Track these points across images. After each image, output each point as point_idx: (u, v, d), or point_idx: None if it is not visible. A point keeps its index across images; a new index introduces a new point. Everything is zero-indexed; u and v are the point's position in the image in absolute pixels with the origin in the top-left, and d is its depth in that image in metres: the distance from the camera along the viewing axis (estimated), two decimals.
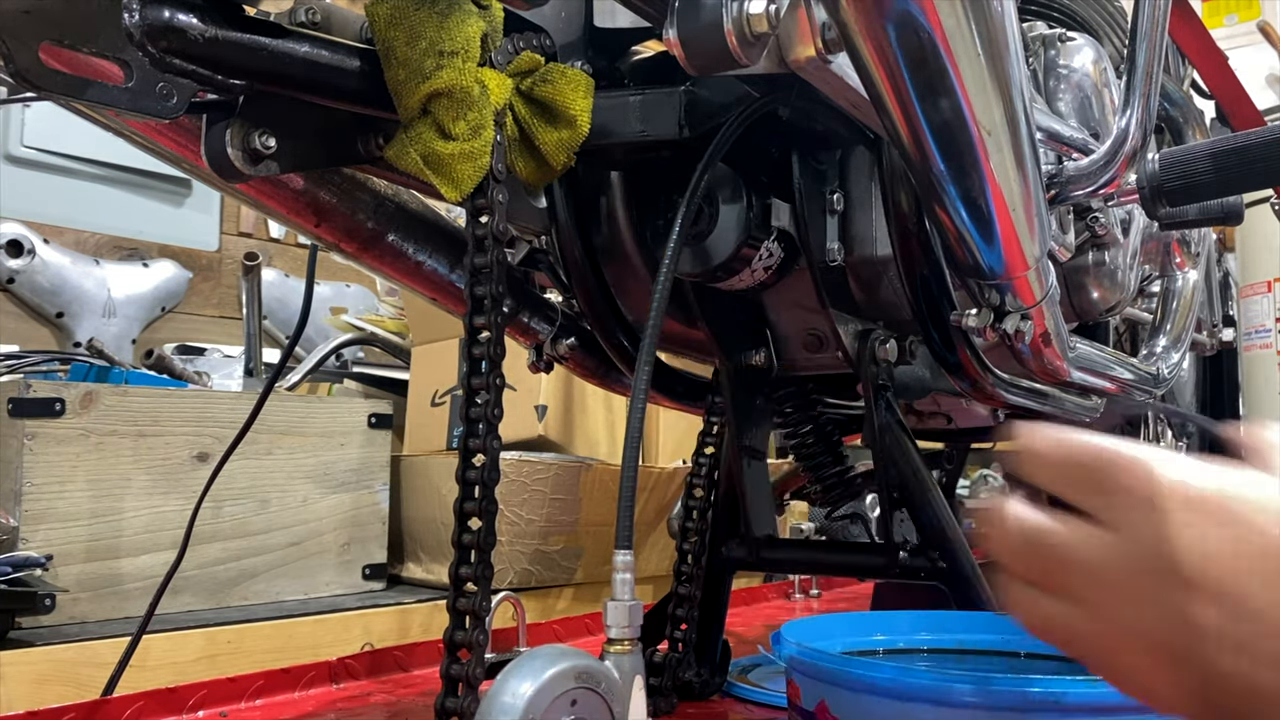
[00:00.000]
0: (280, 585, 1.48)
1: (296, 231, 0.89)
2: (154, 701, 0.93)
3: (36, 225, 2.40)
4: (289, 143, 0.65)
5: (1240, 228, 1.61)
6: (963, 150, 0.62)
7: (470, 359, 0.69)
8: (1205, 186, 0.83)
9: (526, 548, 1.58)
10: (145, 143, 0.73)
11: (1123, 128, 0.81)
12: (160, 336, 2.52)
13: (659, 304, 0.63)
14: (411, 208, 0.86)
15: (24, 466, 1.26)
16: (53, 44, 0.52)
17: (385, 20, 0.65)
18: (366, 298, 2.77)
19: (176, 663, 1.25)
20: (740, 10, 0.57)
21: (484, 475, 0.67)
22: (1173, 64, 1.38)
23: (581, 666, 0.51)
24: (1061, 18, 1.09)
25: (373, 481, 1.60)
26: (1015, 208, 0.68)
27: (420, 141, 0.67)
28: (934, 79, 0.56)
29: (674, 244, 0.65)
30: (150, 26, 0.56)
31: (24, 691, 1.12)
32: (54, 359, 1.89)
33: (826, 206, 0.84)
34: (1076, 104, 0.98)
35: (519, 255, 0.91)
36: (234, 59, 0.60)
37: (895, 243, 0.81)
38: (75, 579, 1.28)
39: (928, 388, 0.96)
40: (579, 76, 0.74)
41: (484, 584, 0.66)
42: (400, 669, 1.13)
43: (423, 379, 1.88)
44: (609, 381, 1.03)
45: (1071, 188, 0.85)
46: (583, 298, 0.87)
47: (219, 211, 2.79)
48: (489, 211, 0.69)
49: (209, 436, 1.41)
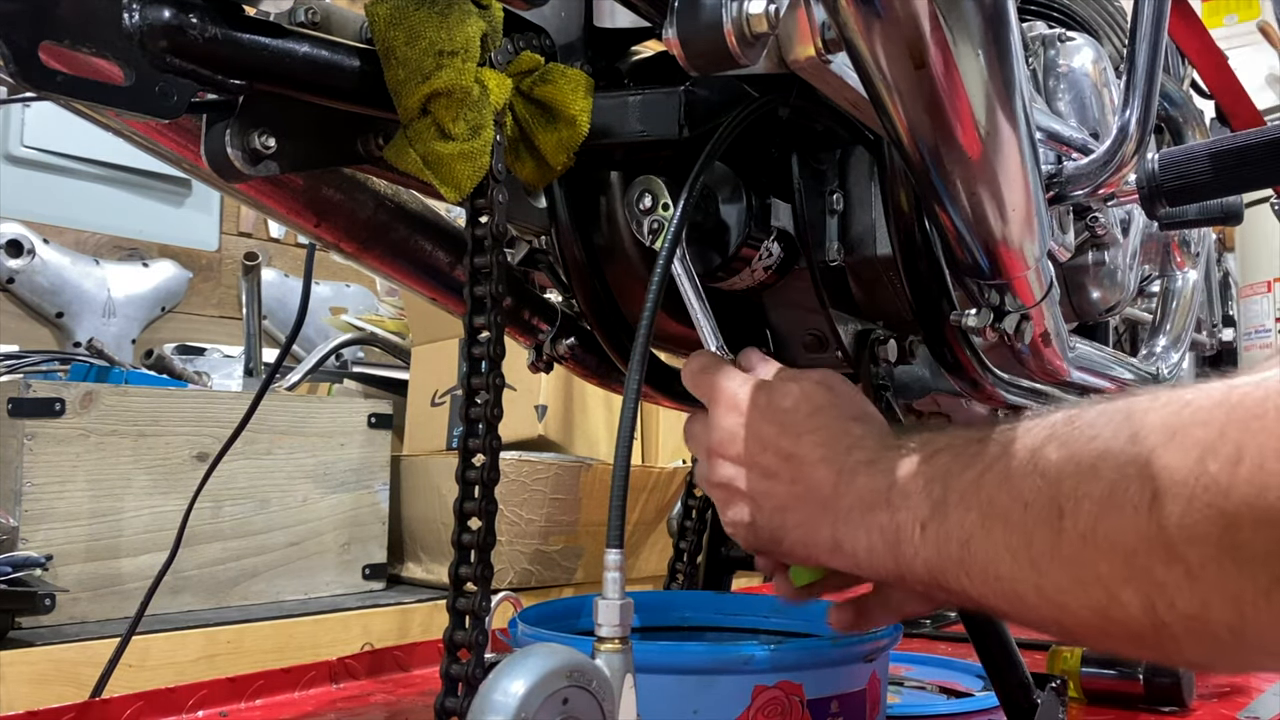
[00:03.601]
0: (280, 585, 1.48)
1: (296, 231, 0.89)
2: (153, 702, 0.93)
3: (36, 225, 2.40)
4: (289, 143, 0.65)
5: (1240, 228, 1.61)
6: (962, 150, 0.62)
7: (470, 359, 0.69)
8: (1205, 186, 0.83)
9: (526, 548, 1.58)
10: (145, 143, 0.73)
11: (1122, 127, 0.81)
12: (160, 336, 2.52)
13: (653, 303, 0.63)
14: (411, 208, 0.86)
15: (24, 466, 1.26)
16: (53, 44, 0.52)
17: (385, 20, 0.65)
18: (366, 298, 2.77)
19: (176, 663, 1.25)
20: (740, 10, 0.57)
21: (484, 475, 0.67)
22: (1173, 64, 1.38)
23: (573, 664, 0.51)
24: (1061, 17, 1.09)
25: (373, 481, 1.60)
26: (1015, 207, 0.68)
27: (420, 141, 0.67)
28: (934, 79, 0.56)
29: (670, 243, 0.65)
30: (150, 26, 0.56)
31: (24, 691, 1.12)
32: (54, 359, 1.89)
33: (826, 206, 0.84)
34: (1076, 104, 0.99)
35: (519, 255, 0.91)
36: (234, 59, 0.60)
37: (895, 243, 0.81)
38: (75, 579, 1.28)
39: (928, 388, 0.96)
40: (579, 76, 0.74)
41: (484, 584, 0.66)
42: (400, 669, 1.13)
43: (423, 379, 1.88)
44: (609, 381, 1.03)
45: (1071, 188, 0.85)
46: (583, 298, 0.87)
47: (219, 211, 2.78)
48: (489, 211, 0.69)
49: (209, 436, 1.41)
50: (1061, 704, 0.83)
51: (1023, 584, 0.49)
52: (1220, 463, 0.40)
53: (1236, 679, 1.11)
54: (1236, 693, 1.07)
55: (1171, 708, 0.99)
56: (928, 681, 1.09)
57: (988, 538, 0.50)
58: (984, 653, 0.80)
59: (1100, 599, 0.46)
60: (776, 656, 0.68)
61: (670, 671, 0.67)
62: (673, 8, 0.59)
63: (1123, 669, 1.01)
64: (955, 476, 0.53)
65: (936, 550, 0.53)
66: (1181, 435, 0.42)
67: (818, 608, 0.87)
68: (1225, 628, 0.42)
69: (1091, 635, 0.49)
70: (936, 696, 1.05)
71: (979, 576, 0.52)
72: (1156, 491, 0.42)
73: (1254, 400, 0.40)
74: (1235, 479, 0.39)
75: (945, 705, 0.99)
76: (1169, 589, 0.42)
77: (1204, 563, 0.41)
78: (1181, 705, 0.99)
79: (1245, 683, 1.11)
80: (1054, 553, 0.47)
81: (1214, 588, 0.41)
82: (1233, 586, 0.40)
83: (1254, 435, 0.39)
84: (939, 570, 0.54)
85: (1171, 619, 0.43)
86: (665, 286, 0.68)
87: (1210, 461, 0.40)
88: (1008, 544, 0.49)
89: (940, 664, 1.14)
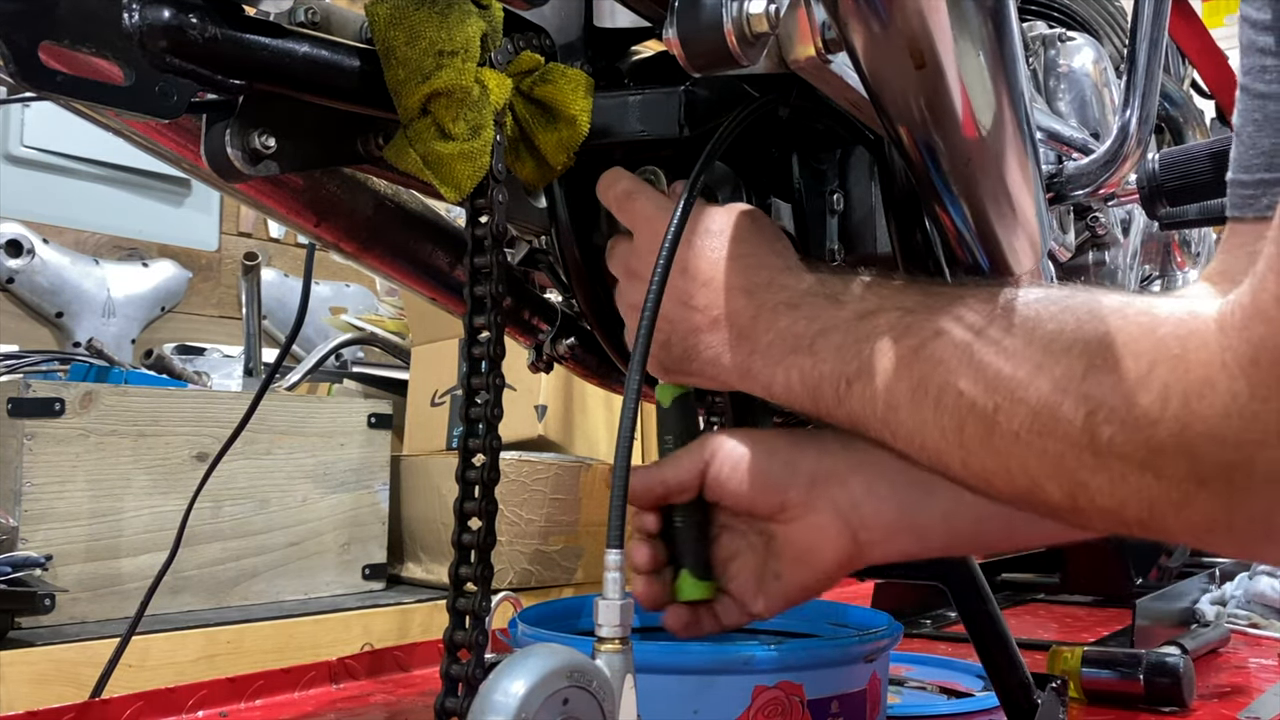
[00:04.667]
0: (280, 585, 1.48)
1: (296, 231, 0.89)
2: (153, 701, 0.93)
3: (36, 225, 2.40)
4: (289, 143, 0.65)
5: None
6: (963, 150, 0.62)
7: (470, 359, 0.69)
8: (1205, 186, 0.83)
9: (526, 548, 1.58)
10: (145, 143, 0.73)
11: (1123, 127, 0.82)
12: (160, 336, 2.52)
13: (654, 302, 0.63)
14: (411, 208, 0.86)
15: (24, 466, 1.26)
16: (53, 44, 0.52)
17: (385, 20, 0.65)
18: (366, 298, 2.77)
19: (176, 663, 1.25)
20: (740, 10, 0.57)
21: (484, 475, 0.67)
22: (1173, 64, 1.38)
23: (574, 665, 0.51)
24: (1061, 17, 1.09)
25: (372, 481, 1.60)
26: (1015, 207, 0.68)
27: (420, 141, 0.67)
28: (934, 79, 0.56)
29: (670, 243, 0.65)
30: (150, 26, 0.56)
31: (24, 691, 1.12)
32: (53, 359, 1.89)
33: (827, 206, 0.84)
34: (1076, 104, 0.99)
35: (519, 255, 0.91)
36: (234, 59, 0.60)
37: (895, 242, 0.81)
38: (75, 579, 1.28)
39: None
40: (579, 76, 0.74)
41: (484, 584, 0.66)
42: (400, 669, 1.13)
43: (422, 379, 1.88)
44: (609, 381, 1.03)
45: (1072, 187, 0.85)
46: (583, 298, 0.87)
47: (219, 211, 2.79)
48: (489, 211, 0.69)
49: (209, 436, 1.41)
50: (1062, 704, 0.83)
51: (949, 457, 0.53)
52: (1151, 397, 0.45)
53: (1237, 679, 1.11)
54: (1237, 693, 1.07)
55: (1171, 708, 0.99)
56: (928, 681, 1.09)
57: (917, 411, 0.54)
58: (984, 653, 0.80)
59: (1025, 485, 0.50)
60: (777, 657, 0.68)
61: (670, 672, 0.67)
62: (673, 7, 0.59)
63: (1123, 669, 1.01)
64: (890, 342, 0.56)
65: (862, 407, 0.57)
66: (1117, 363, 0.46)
67: (818, 608, 0.87)
68: (1136, 521, 0.48)
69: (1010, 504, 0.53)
70: (937, 697, 1.05)
71: (904, 439, 0.55)
72: (1090, 412, 0.47)
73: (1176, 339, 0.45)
74: (1163, 416, 0.44)
75: (945, 705, 0.99)
76: (1091, 489, 0.48)
77: (1126, 474, 0.46)
78: (1182, 705, 0.99)
79: (1246, 683, 1.11)
80: (984, 443, 0.51)
81: (1133, 493, 0.46)
82: (1149, 493, 0.46)
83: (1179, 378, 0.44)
84: (861, 423, 0.57)
85: (1090, 508, 0.49)
86: (665, 286, 0.67)
87: (1142, 395, 0.45)
88: (938, 423, 0.53)
89: (940, 664, 1.14)
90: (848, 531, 0.67)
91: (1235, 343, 0.43)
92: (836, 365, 0.58)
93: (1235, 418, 0.42)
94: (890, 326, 0.56)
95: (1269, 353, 0.41)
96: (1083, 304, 0.50)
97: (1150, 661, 1.00)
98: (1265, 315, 0.41)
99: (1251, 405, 0.42)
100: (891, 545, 0.68)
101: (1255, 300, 0.42)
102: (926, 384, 0.53)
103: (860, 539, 0.67)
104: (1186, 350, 0.44)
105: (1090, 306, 0.49)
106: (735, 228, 0.67)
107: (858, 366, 0.57)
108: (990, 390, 0.51)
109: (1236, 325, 0.43)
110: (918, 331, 0.55)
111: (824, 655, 0.72)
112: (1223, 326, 0.43)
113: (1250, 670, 1.18)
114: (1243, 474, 0.43)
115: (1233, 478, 0.43)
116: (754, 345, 0.62)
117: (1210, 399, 0.43)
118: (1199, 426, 0.43)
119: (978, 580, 0.83)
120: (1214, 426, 0.43)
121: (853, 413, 0.58)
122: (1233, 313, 0.43)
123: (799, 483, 0.67)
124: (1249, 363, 0.42)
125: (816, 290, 0.62)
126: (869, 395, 0.56)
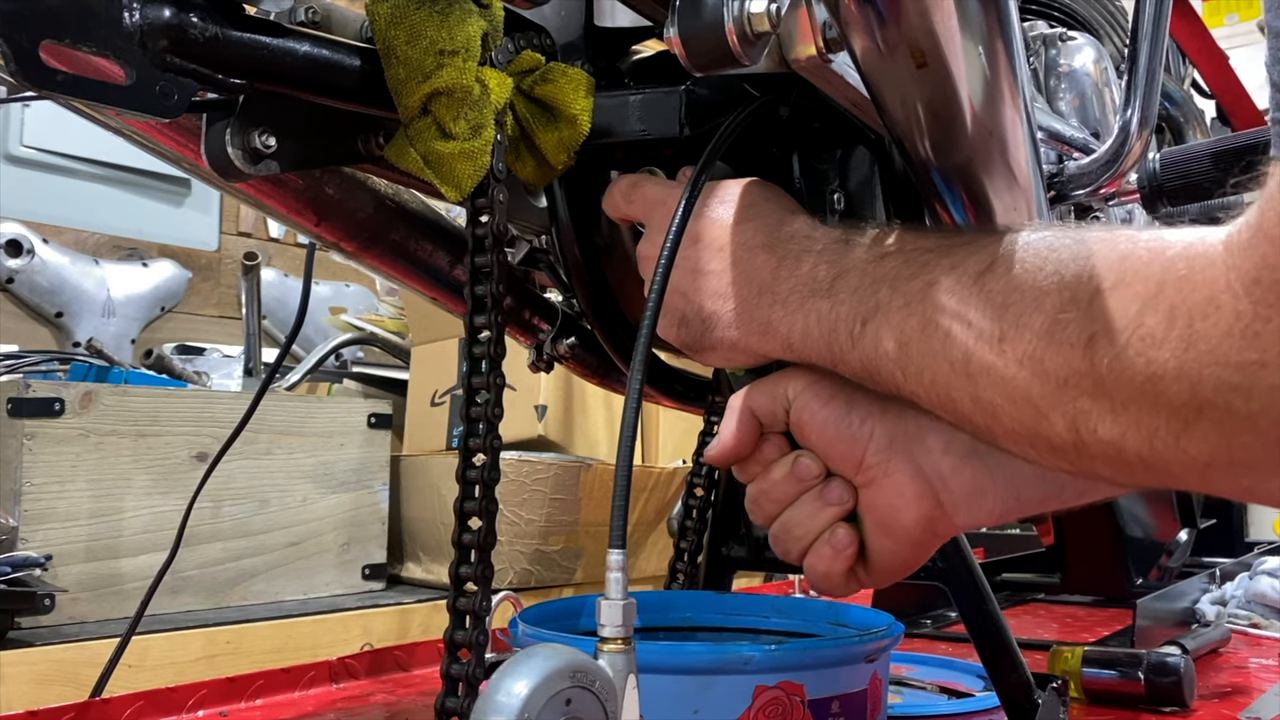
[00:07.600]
0: (280, 585, 1.48)
1: (296, 231, 0.89)
2: (153, 701, 0.93)
3: (36, 225, 2.40)
4: (289, 142, 0.65)
5: None
6: (963, 150, 0.62)
7: (470, 358, 0.69)
8: (1206, 186, 0.83)
9: (526, 548, 1.58)
10: (145, 142, 0.73)
11: (1123, 127, 0.81)
12: (160, 336, 2.52)
13: (655, 302, 0.63)
14: (411, 207, 0.86)
15: (24, 466, 1.26)
16: (53, 43, 0.52)
17: (386, 19, 0.65)
18: (366, 298, 2.77)
19: (176, 663, 1.25)
20: (741, 9, 0.57)
21: (484, 475, 0.67)
22: (1173, 64, 1.38)
23: (577, 665, 0.51)
24: (1062, 17, 1.09)
25: (372, 481, 1.60)
26: (1016, 208, 0.68)
27: (420, 141, 0.67)
28: (934, 79, 0.56)
29: (671, 242, 0.65)
30: (151, 25, 0.56)
31: (24, 691, 1.12)
32: (53, 359, 1.89)
33: (827, 206, 0.84)
34: (1077, 103, 0.98)
35: (519, 255, 0.91)
36: (234, 58, 0.60)
37: None
38: (75, 579, 1.28)
39: None
40: (579, 76, 0.74)
41: (484, 584, 0.66)
42: (400, 669, 1.13)
43: (422, 379, 1.88)
44: (609, 381, 1.03)
45: (1072, 187, 0.85)
46: (583, 298, 0.87)
47: (218, 211, 2.79)
48: (489, 211, 0.69)
49: (208, 436, 1.41)
50: (1062, 704, 0.83)
51: (957, 390, 0.53)
52: (1157, 318, 0.45)
53: (1238, 679, 1.11)
54: (1237, 693, 1.07)
55: (1172, 708, 0.99)
56: (929, 682, 1.09)
57: (926, 345, 0.54)
58: (985, 653, 0.80)
59: (1030, 416, 0.50)
60: (777, 657, 0.68)
61: (671, 672, 0.67)
62: (674, 7, 0.59)
63: (1124, 669, 1.01)
64: (904, 281, 0.56)
65: (874, 347, 0.57)
66: (1124, 287, 0.46)
67: (818, 608, 0.87)
68: (1136, 456, 0.47)
69: (1016, 443, 0.53)
70: (937, 697, 1.05)
71: (914, 376, 0.55)
72: (1094, 334, 0.47)
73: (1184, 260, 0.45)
74: (1168, 336, 0.44)
75: (946, 705, 0.99)
76: (1093, 417, 0.48)
77: (1127, 401, 0.46)
78: (1182, 705, 0.99)
79: (1246, 683, 1.11)
80: (990, 371, 0.51)
81: (1133, 422, 0.47)
82: (1149, 424, 0.46)
83: (1184, 298, 0.44)
84: (873, 364, 0.57)
85: (1092, 441, 0.49)
86: (666, 286, 0.67)
87: (1148, 315, 0.45)
88: (946, 355, 0.53)
89: (941, 664, 1.14)
90: (930, 493, 0.63)
91: (1239, 261, 0.42)
92: (853, 306, 0.58)
93: (1237, 336, 0.42)
94: (905, 265, 0.56)
95: (1270, 271, 0.41)
96: (1098, 235, 0.50)
97: (1151, 661, 1.00)
98: (1269, 235, 0.41)
99: (1254, 325, 0.42)
100: (977, 508, 0.64)
101: (1261, 219, 0.42)
102: (937, 318, 0.53)
103: (942, 500, 0.63)
104: (1193, 270, 0.44)
105: (1104, 235, 0.49)
106: (749, 193, 0.67)
107: (874, 305, 0.57)
108: (998, 317, 0.51)
109: (1242, 245, 0.43)
110: (931, 269, 0.55)
111: (824, 655, 0.72)
112: (1229, 247, 0.43)
113: (1251, 670, 1.18)
114: (1241, 398, 0.43)
115: (1231, 402, 0.43)
116: (775, 295, 0.62)
117: (1214, 318, 0.43)
118: (1201, 345, 0.43)
119: (978, 580, 0.83)
120: (1215, 345, 0.43)
121: (865, 356, 0.57)
122: (1239, 233, 0.43)
123: (878, 443, 0.64)
124: (1252, 282, 0.42)
125: (839, 239, 0.62)
126: (883, 334, 0.56)
